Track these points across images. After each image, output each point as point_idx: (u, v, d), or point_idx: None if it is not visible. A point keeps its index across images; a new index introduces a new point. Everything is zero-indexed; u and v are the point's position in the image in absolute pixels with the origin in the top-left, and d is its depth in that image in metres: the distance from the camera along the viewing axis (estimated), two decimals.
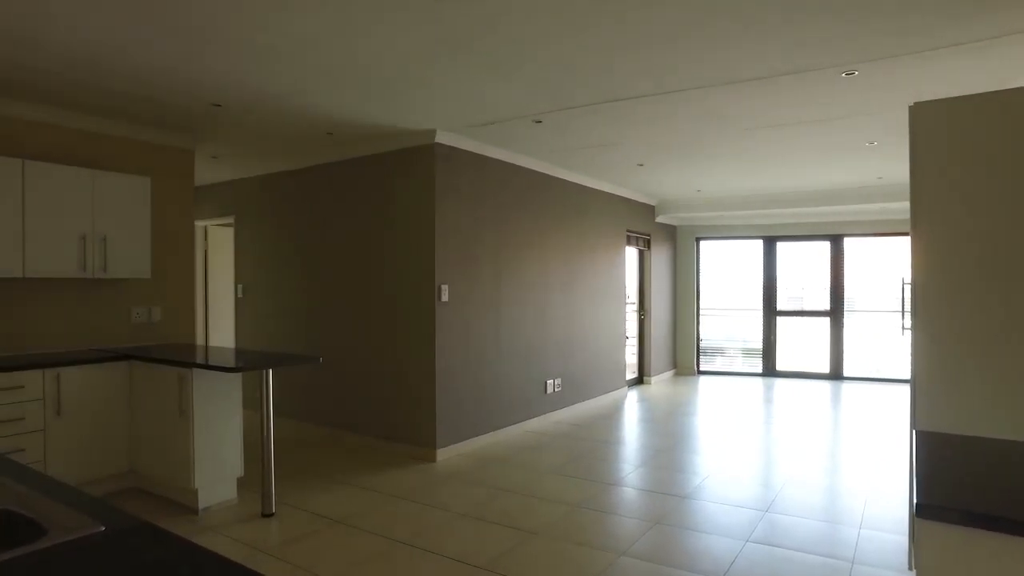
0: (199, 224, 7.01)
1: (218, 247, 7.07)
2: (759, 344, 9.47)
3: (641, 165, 6.21)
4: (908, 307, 3.04)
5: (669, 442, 5.50)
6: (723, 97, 3.98)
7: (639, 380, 8.83)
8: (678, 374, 9.68)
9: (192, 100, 4.04)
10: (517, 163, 5.81)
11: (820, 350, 9.12)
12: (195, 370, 3.67)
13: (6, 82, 3.66)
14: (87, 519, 1.20)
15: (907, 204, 7.38)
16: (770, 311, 9.38)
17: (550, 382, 6.34)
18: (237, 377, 3.95)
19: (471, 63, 3.42)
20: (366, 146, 5.33)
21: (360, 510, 3.83)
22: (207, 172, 6.50)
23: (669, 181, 7.14)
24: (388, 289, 5.26)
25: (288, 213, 6.07)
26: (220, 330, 6.97)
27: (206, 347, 4.52)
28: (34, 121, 4.19)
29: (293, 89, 3.83)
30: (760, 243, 9.43)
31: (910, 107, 2.38)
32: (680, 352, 9.74)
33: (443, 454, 4.99)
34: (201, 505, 3.75)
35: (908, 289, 2.65)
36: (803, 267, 9.34)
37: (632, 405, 7.26)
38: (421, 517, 3.72)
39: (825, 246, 9.07)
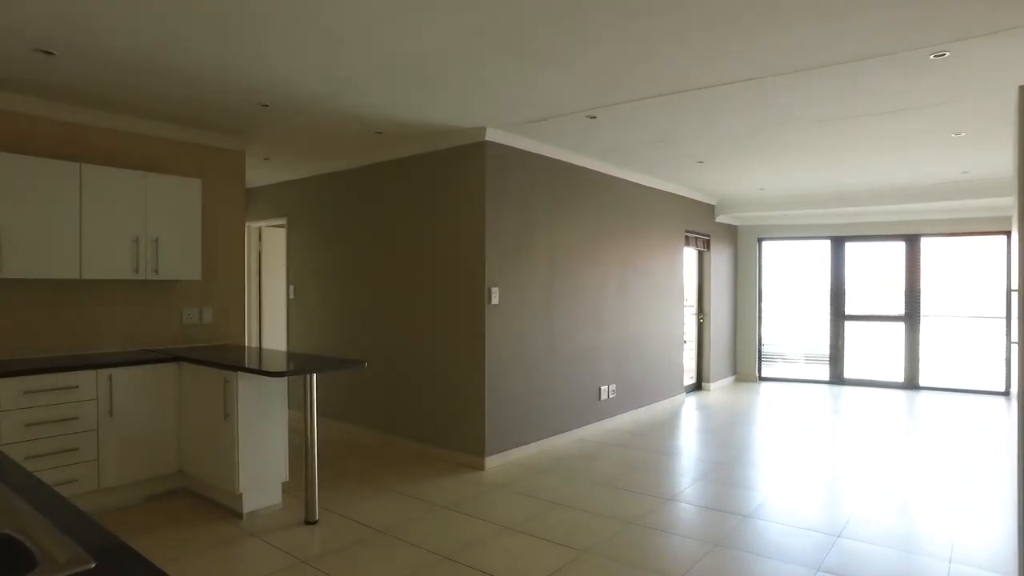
0: (253, 225, 7.09)
1: (272, 248, 7.12)
2: (826, 350, 8.96)
3: (701, 162, 5.91)
4: (1015, 314, 2.70)
5: (729, 454, 5.20)
6: (791, 87, 3.68)
7: (697, 386, 8.48)
8: (738, 380, 9.27)
9: (240, 101, 4.01)
10: (571, 161, 5.61)
11: (893, 357, 8.55)
12: (240, 373, 3.62)
13: (64, 88, 3.70)
14: (80, 552, 1.08)
15: (995, 201, 6.87)
16: (838, 315, 8.86)
17: (604, 388, 6.11)
18: (282, 381, 3.89)
19: (521, 56, 3.24)
20: (416, 145, 5.23)
21: (405, 520, 3.71)
22: (260, 174, 6.55)
23: (730, 179, 6.80)
24: (437, 291, 5.14)
25: (338, 214, 6.04)
26: (274, 331, 7.02)
27: (255, 349, 4.50)
28: (90, 126, 4.24)
29: (339, 87, 3.75)
30: (827, 243, 8.93)
31: (1021, 87, 2.07)
32: (741, 357, 9.32)
33: (492, 462, 4.84)
34: (245, 509, 3.70)
35: (1016, 296, 2.34)
36: (874, 269, 8.78)
37: (690, 413, 6.95)
38: (467, 530, 3.57)
39: (899, 246, 8.50)
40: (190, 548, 3.29)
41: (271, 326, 7.08)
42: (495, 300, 4.87)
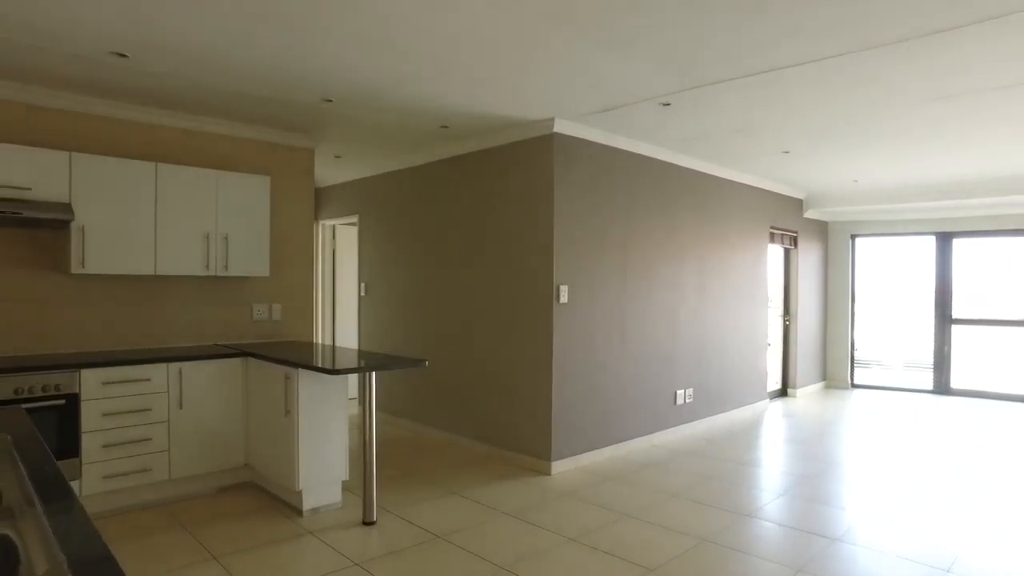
0: (327, 224, 7.20)
1: (345, 246, 7.21)
2: (929, 356, 8.22)
3: (787, 152, 5.49)
4: None
5: (816, 468, 4.78)
6: (891, 61, 3.29)
7: (782, 392, 7.97)
8: (828, 386, 8.65)
9: (304, 96, 4.00)
10: (644, 153, 5.34)
11: (1012, 366, 7.72)
12: (300, 370, 3.61)
13: (139, 89, 3.79)
14: (62, 564, 0.99)
15: None
16: (944, 318, 8.10)
17: (680, 392, 5.80)
18: (343, 379, 3.86)
19: (589, 40, 3.04)
20: (482, 139, 5.11)
21: (464, 525, 3.59)
22: (333, 172, 6.62)
23: (820, 170, 6.30)
24: (504, 289, 5.00)
25: (405, 211, 6.01)
26: (348, 329, 7.10)
27: (321, 346, 4.51)
28: (166, 126, 4.36)
29: (399, 79, 3.66)
30: (932, 240, 8.17)
31: None
32: (831, 362, 8.70)
33: (559, 467, 4.65)
34: (305, 507, 3.68)
35: None
36: (989, 267, 7.96)
37: (773, 421, 6.50)
38: (528, 539, 3.41)
39: (1018, 242, 7.66)
40: (247, 543, 3.29)
41: (344, 324, 7.16)
42: (564, 298, 4.68)
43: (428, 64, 3.42)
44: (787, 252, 8.00)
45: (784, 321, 8.01)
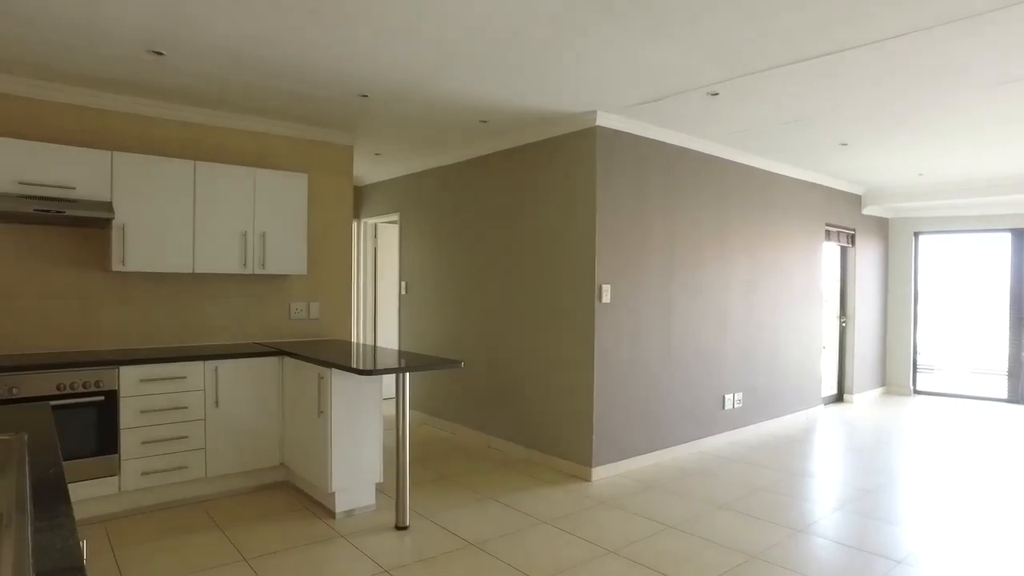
0: (369, 222, 7.18)
1: (387, 245, 7.18)
2: (1003, 363, 7.70)
3: (845, 144, 5.18)
4: None
5: (876, 481, 4.48)
6: (961, 40, 3.02)
7: (838, 398, 7.59)
8: (888, 392, 8.21)
9: (339, 92, 3.94)
10: (691, 147, 5.11)
11: None
12: (334, 370, 3.54)
13: (176, 87, 3.80)
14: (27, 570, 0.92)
15: None
16: (1020, 321, 7.57)
17: (729, 396, 5.55)
18: (378, 379, 3.78)
19: (631, 27, 2.88)
20: (522, 134, 4.98)
21: (499, 533, 3.46)
22: (374, 169, 6.60)
23: (881, 163, 5.95)
24: (544, 288, 4.86)
25: (444, 209, 5.93)
26: (389, 328, 7.07)
27: (358, 345, 4.45)
28: (205, 124, 4.38)
29: (435, 71, 3.56)
30: (1007, 237, 7.65)
31: None
32: (891, 366, 8.25)
33: (599, 473, 4.49)
34: (338, 509, 3.62)
35: None
36: None
37: (829, 428, 6.17)
38: (567, 550, 3.26)
39: None
40: (278, 545, 3.24)
41: (386, 323, 7.14)
42: (606, 298, 4.52)
43: (464, 56, 3.31)
44: (844, 250, 7.61)
45: (840, 323, 7.62)
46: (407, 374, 3.51)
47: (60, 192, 3.58)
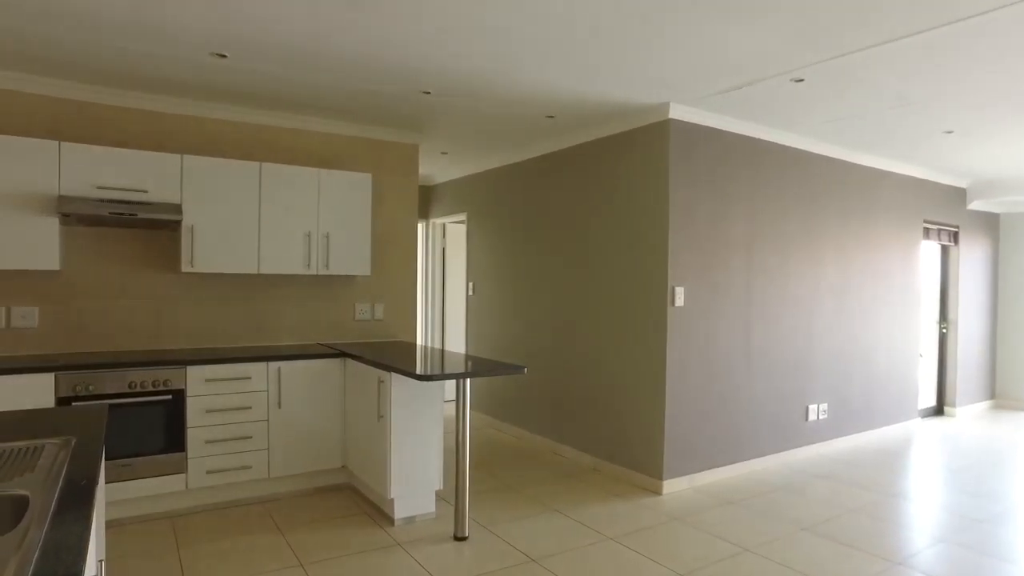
0: (437, 221, 7.14)
1: (455, 245, 7.12)
2: None
3: (950, 132, 4.69)
4: None
5: (988, 509, 4.01)
6: None
7: (937, 411, 6.96)
8: (997, 406, 7.47)
9: (401, 89, 3.86)
10: (773, 140, 4.76)
11: None
12: (393, 374, 3.46)
13: (241, 89, 3.83)
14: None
15: None
16: None
17: (813, 407, 5.15)
18: (439, 384, 3.68)
19: (704, 8, 2.63)
20: (590, 130, 4.78)
21: (562, 548, 3.28)
22: (442, 168, 6.54)
23: (992, 152, 5.37)
24: (614, 290, 4.64)
25: (511, 208, 5.79)
26: (457, 329, 7.01)
27: (421, 348, 4.37)
28: (272, 126, 4.41)
29: (499, 65, 3.42)
30: None
31: None
32: (1002, 377, 7.50)
33: (671, 486, 4.23)
34: (396, 516, 3.54)
35: None
36: None
37: (927, 444, 5.64)
38: (633, 570, 3.04)
39: None
40: (335, 551, 3.18)
41: (454, 324, 7.08)
42: (679, 301, 4.25)
43: (528, 47, 3.15)
44: (945, 249, 6.97)
45: (940, 329, 6.99)
46: (467, 380, 3.38)
47: (133, 195, 3.66)
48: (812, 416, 5.14)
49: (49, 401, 3.28)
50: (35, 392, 3.26)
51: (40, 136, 3.72)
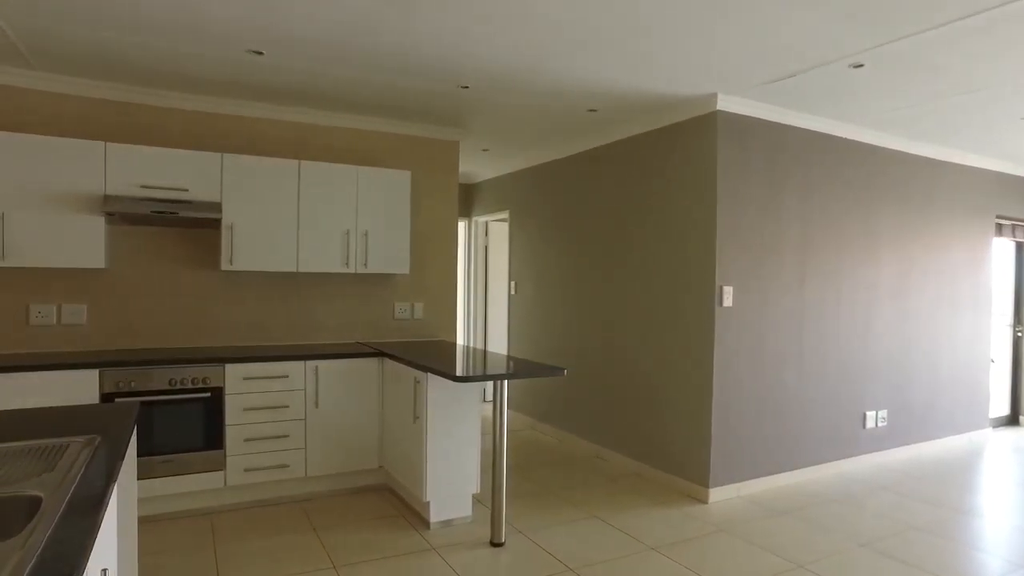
0: (480, 220, 7.08)
1: (497, 243, 7.04)
2: None
3: None
4: None
5: None
6: None
7: (1011, 420, 6.51)
8: None
9: (438, 84, 3.79)
10: (828, 131, 4.51)
11: None
12: (430, 375, 3.39)
13: (277, 86, 3.82)
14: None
15: None
16: None
17: (871, 414, 4.87)
18: (476, 385, 3.59)
19: None
20: (634, 124, 4.62)
21: (602, 558, 3.15)
22: (484, 166, 6.48)
23: None
24: (659, 290, 4.47)
25: (553, 205, 5.67)
26: (500, 328, 6.92)
27: (460, 348, 4.30)
28: (311, 124, 4.41)
29: (537, 56, 3.31)
30: None
31: None
32: None
33: (718, 494, 4.04)
34: (432, 519, 3.47)
35: None
36: None
37: (1000, 456, 5.26)
38: None
39: None
40: (369, 554, 3.13)
41: (496, 324, 7.00)
42: (728, 301, 4.06)
43: (567, 36, 3.03)
44: (1020, 247, 6.52)
45: (1015, 332, 6.54)
46: (505, 382, 3.28)
47: (175, 194, 3.70)
48: (871, 423, 4.86)
49: (94, 397, 3.34)
50: (80, 388, 3.31)
51: (87, 137, 3.79)
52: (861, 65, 3.32)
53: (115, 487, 1.74)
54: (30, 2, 2.72)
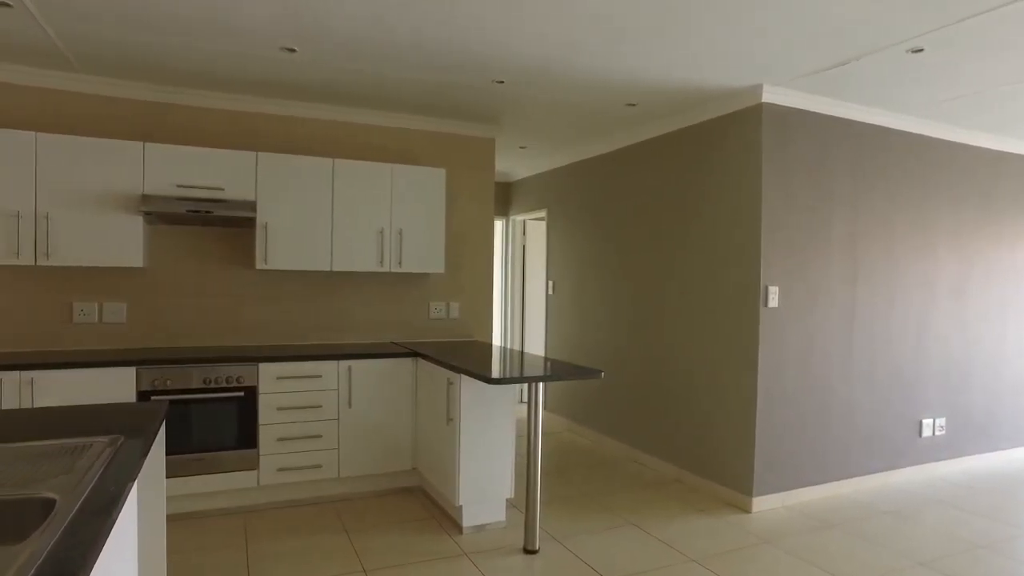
0: (517, 218, 6.99)
1: (535, 242, 6.94)
2: None
3: None
4: None
5: None
6: None
7: None
8: None
9: (472, 78, 3.71)
10: (883, 124, 4.28)
11: None
12: (463, 376, 3.32)
13: (314, 85, 3.81)
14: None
15: None
16: None
17: (928, 422, 4.60)
18: (509, 388, 3.50)
19: None
20: (674, 118, 4.46)
21: (639, 569, 3.03)
22: (521, 164, 6.39)
23: None
24: (701, 290, 4.32)
25: (591, 203, 5.54)
26: (537, 328, 6.83)
27: (496, 348, 4.22)
28: (345, 122, 4.39)
29: (573, 48, 3.20)
30: None
31: None
32: None
33: (761, 504, 3.87)
34: (465, 524, 3.39)
35: None
36: None
37: None
38: None
39: None
40: (399, 558, 3.07)
41: (534, 324, 6.91)
42: (773, 302, 3.89)
43: (604, 27, 2.92)
44: None
45: None
46: (539, 385, 3.19)
47: (210, 193, 3.72)
48: (927, 431, 4.60)
49: (131, 394, 3.37)
50: (118, 386, 3.35)
51: (126, 138, 3.84)
52: (920, 50, 3.11)
53: (135, 488, 1.72)
54: (75, 8, 2.74)
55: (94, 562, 1.11)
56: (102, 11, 2.82)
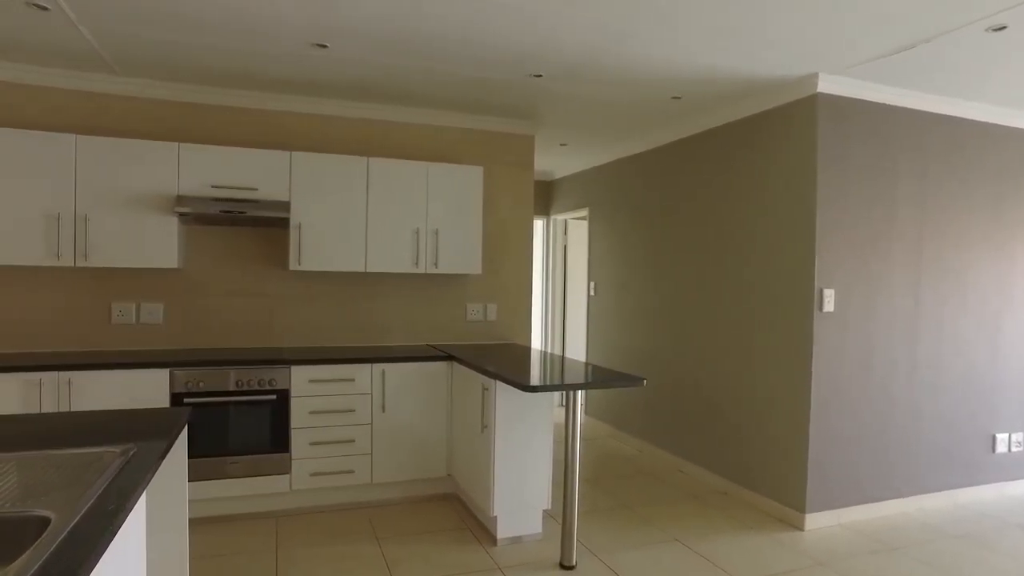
0: (559, 218, 6.83)
1: (577, 242, 6.77)
2: None
3: None
4: None
5: None
6: None
7: None
8: None
9: (509, 73, 3.58)
10: (949, 112, 3.96)
11: None
12: (498, 382, 3.19)
13: (347, 82, 3.73)
14: None
15: None
16: None
17: (1003, 436, 4.26)
18: (546, 395, 3.35)
19: None
20: (721, 112, 4.24)
21: None
22: (562, 162, 6.23)
23: None
24: (749, 292, 4.08)
25: (634, 202, 5.34)
26: (579, 331, 6.66)
27: (534, 352, 4.08)
28: (380, 120, 4.31)
29: (614, 39, 3.03)
30: None
31: None
32: None
33: (815, 521, 3.62)
34: (499, 535, 3.26)
35: None
36: None
37: None
38: None
39: None
40: (430, 569, 2.96)
41: (575, 326, 6.73)
42: (828, 306, 3.63)
43: (647, 15, 2.74)
44: None
45: None
46: (579, 393, 3.03)
47: (244, 193, 3.68)
48: (1001, 447, 4.25)
49: (164, 395, 3.35)
50: (152, 387, 3.34)
51: (161, 139, 3.84)
52: (1003, 27, 2.83)
53: (143, 500, 1.64)
54: (109, 10, 2.72)
55: None
56: (135, 12, 2.79)
